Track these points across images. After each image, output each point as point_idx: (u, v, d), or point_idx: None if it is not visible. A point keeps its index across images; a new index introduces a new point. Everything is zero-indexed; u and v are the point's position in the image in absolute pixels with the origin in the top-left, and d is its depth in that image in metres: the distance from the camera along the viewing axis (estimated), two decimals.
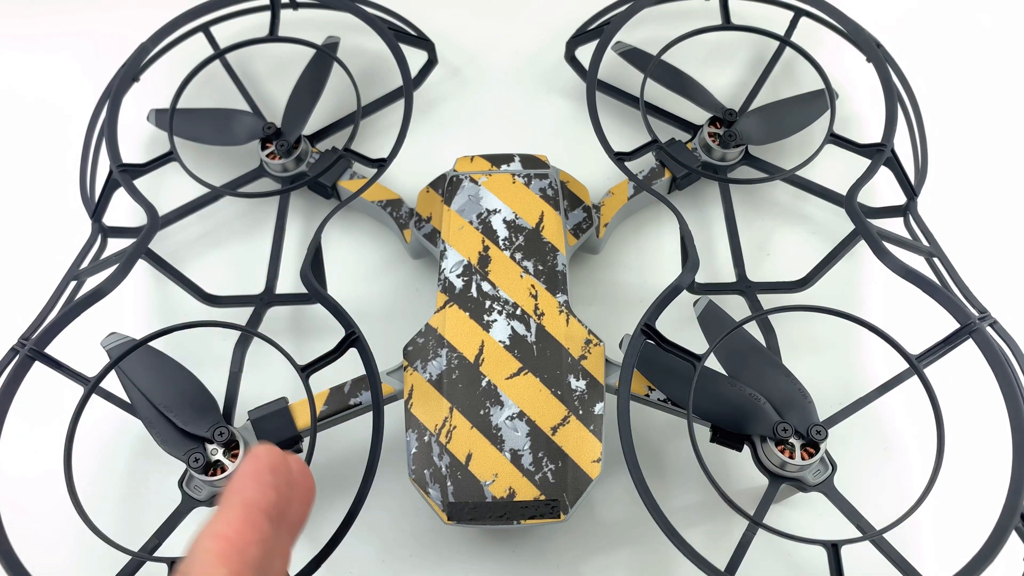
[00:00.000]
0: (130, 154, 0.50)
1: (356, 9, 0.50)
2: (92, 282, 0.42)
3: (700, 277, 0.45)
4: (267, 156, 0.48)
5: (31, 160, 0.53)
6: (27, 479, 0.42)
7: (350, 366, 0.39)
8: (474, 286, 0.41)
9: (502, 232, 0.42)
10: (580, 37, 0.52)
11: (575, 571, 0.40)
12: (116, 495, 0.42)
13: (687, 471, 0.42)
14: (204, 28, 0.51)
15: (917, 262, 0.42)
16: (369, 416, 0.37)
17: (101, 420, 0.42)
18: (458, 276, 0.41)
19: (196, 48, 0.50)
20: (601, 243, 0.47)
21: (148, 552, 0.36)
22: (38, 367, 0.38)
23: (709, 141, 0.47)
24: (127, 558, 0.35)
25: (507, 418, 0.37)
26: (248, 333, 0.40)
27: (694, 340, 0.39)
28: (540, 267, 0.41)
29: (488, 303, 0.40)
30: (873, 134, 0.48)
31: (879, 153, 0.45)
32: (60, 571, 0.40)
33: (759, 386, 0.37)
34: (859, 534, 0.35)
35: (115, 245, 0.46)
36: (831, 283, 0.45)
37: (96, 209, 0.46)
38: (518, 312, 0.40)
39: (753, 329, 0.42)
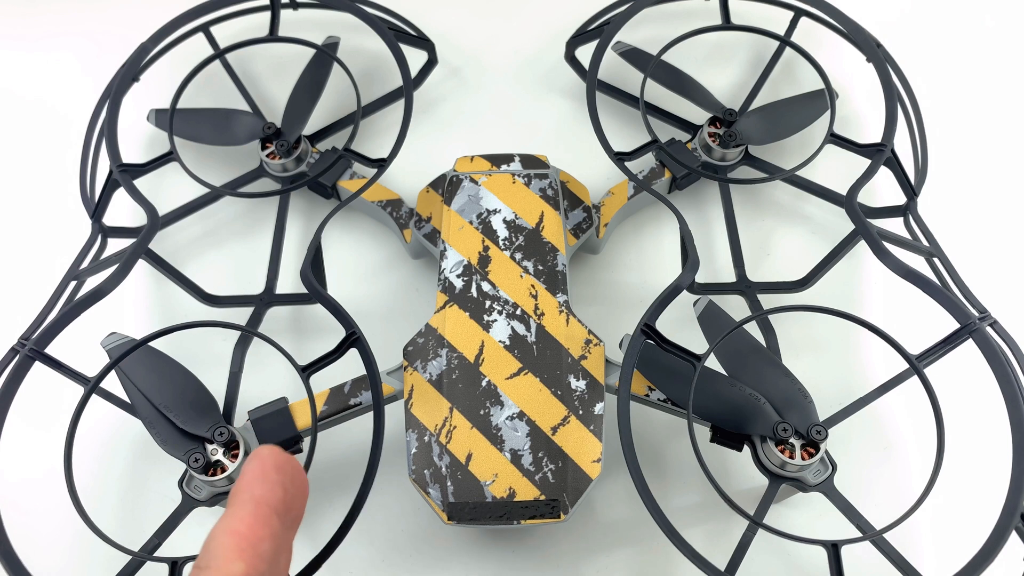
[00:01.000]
0: (130, 154, 0.50)
1: (356, 9, 0.50)
2: (92, 282, 0.42)
3: (700, 277, 0.45)
4: (267, 156, 0.48)
5: (31, 160, 0.53)
6: (27, 479, 0.42)
7: (350, 366, 0.39)
8: (474, 286, 0.41)
9: (502, 232, 0.42)
10: (580, 37, 0.52)
11: (575, 571, 0.40)
12: (116, 495, 0.42)
13: (687, 471, 0.42)
14: (204, 28, 0.51)
15: (917, 262, 0.42)
16: (369, 416, 0.37)
17: (101, 420, 0.42)
18: (458, 276, 0.41)
19: (196, 48, 0.50)
20: (601, 243, 0.47)
21: (148, 552, 0.36)
22: (38, 367, 0.38)
23: (709, 141, 0.47)
24: (127, 558, 0.35)
25: (507, 418, 0.37)
26: (248, 333, 0.40)
27: (694, 340, 0.39)
28: (540, 267, 0.41)
29: (488, 303, 0.40)
30: (873, 134, 0.48)
31: (879, 153, 0.45)
32: (60, 571, 0.40)
33: (759, 386, 0.37)
34: (859, 534, 0.35)
35: (115, 245, 0.46)
36: (831, 283, 0.45)
37: (96, 209, 0.46)
38: (518, 312, 0.40)
39: (753, 329, 0.42)
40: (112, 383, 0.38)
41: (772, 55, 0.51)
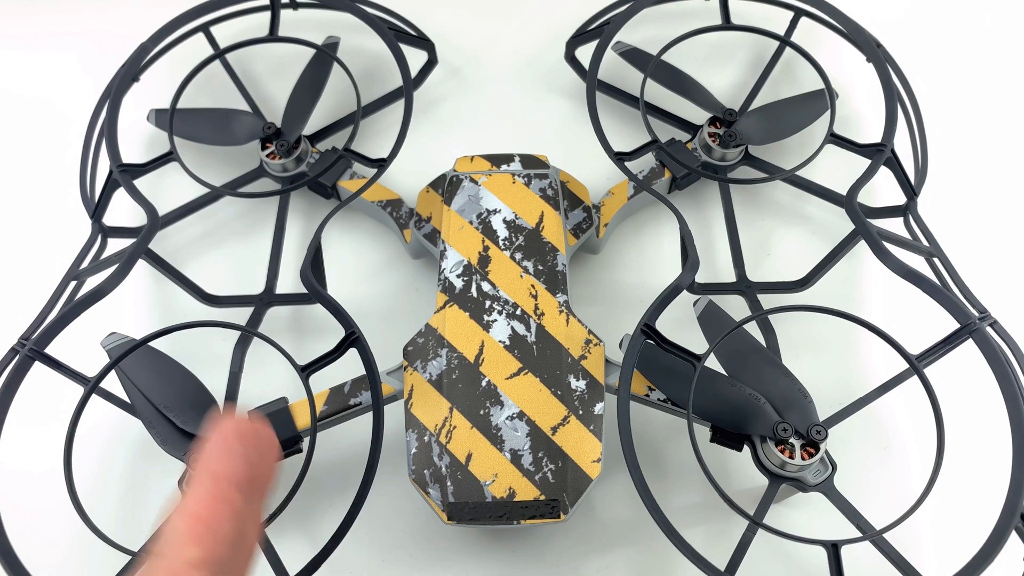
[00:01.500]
0: (130, 154, 0.50)
1: (356, 9, 0.50)
2: (92, 282, 0.42)
3: (700, 277, 0.45)
4: (267, 156, 0.48)
5: (31, 160, 0.53)
6: (27, 479, 0.42)
7: (350, 366, 0.39)
8: (474, 286, 0.41)
9: (502, 232, 0.42)
10: (580, 37, 0.52)
11: (575, 571, 0.40)
12: (116, 495, 0.42)
13: (687, 471, 0.42)
14: (204, 28, 0.51)
15: (917, 262, 0.42)
16: (369, 416, 0.37)
17: (101, 420, 0.42)
18: (458, 276, 0.41)
19: (196, 48, 0.50)
20: (601, 243, 0.47)
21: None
22: (38, 367, 0.38)
23: (709, 141, 0.47)
24: (127, 558, 0.35)
25: (507, 418, 0.37)
26: (248, 333, 0.40)
27: (694, 340, 0.39)
28: (540, 267, 0.41)
29: (488, 303, 0.40)
30: (873, 134, 0.48)
31: (879, 153, 0.45)
32: (60, 571, 0.40)
33: (759, 386, 0.37)
34: (859, 534, 0.35)
35: (115, 245, 0.46)
36: (831, 283, 0.45)
37: (96, 209, 0.46)
38: (518, 312, 0.40)
39: (753, 329, 0.42)
40: (112, 383, 0.38)
41: (772, 55, 0.51)
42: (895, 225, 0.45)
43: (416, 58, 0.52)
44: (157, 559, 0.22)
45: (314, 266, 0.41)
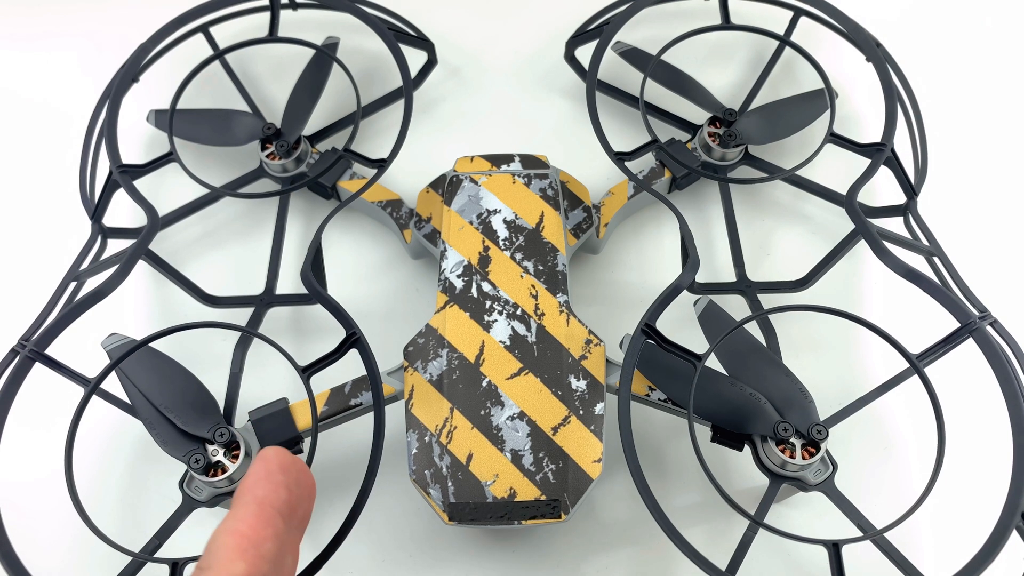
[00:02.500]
0: (130, 154, 0.50)
1: (356, 9, 0.50)
2: (92, 283, 0.42)
3: (700, 277, 0.45)
4: (267, 157, 0.48)
5: (31, 160, 0.53)
6: (28, 480, 0.42)
7: (350, 367, 0.39)
8: (474, 286, 0.41)
9: (502, 232, 0.42)
10: (580, 37, 0.52)
11: (576, 571, 0.40)
12: (117, 496, 0.42)
13: (688, 471, 0.42)
14: (204, 28, 0.51)
15: (917, 261, 0.42)
16: (369, 417, 0.37)
17: (102, 421, 0.42)
18: (458, 276, 0.41)
19: (196, 48, 0.50)
20: (601, 243, 0.47)
21: (149, 553, 0.36)
22: (38, 368, 0.38)
23: (709, 141, 0.47)
24: (128, 559, 0.35)
25: (508, 418, 0.37)
26: (248, 334, 0.40)
27: (694, 340, 0.39)
28: (540, 267, 0.41)
29: (488, 303, 0.40)
30: (873, 134, 0.48)
31: (879, 153, 0.45)
32: (61, 572, 0.40)
33: (759, 386, 0.37)
34: (860, 533, 0.35)
35: (115, 246, 0.46)
36: (831, 283, 0.45)
37: (96, 210, 0.46)
38: (518, 312, 0.40)
39: (753, 329, 0.42)
40: (112, 384, 0.38)
41: (772, 55, 0.51)
42: (895, 224, 0.45)
43: (416, 58, 0.52)
44: (204, 572, 0.23)
45: (314, 266, 0.41)
